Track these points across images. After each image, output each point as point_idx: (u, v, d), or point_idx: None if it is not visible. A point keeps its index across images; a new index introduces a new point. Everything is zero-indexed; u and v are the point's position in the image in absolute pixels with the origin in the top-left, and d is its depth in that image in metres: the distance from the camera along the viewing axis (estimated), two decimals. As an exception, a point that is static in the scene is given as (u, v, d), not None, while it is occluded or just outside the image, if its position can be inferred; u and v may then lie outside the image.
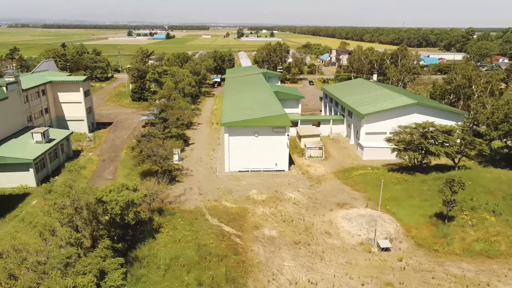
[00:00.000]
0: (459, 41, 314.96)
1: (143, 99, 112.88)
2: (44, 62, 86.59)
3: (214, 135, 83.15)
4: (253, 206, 50.91)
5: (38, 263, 24.24)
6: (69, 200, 33.16)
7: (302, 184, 57.96)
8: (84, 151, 71.68)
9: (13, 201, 51.37)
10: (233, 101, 74.71)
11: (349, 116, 79.56)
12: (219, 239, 42.97)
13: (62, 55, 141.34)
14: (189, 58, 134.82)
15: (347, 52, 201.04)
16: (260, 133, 60.88)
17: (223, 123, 59.97)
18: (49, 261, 24.04)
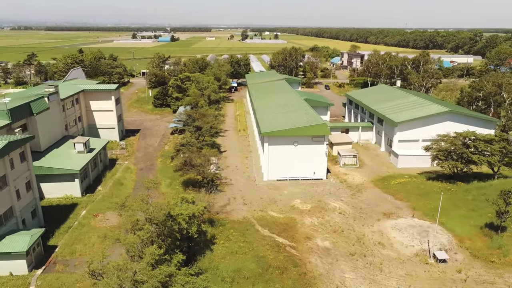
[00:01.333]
0: (466, 43, 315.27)
1: (166, 106, 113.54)
2: (74, 70, 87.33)
3: (244, 142, 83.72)
4: (300, 216, 51.45)
5: (136, 282, 24.75)
6: (143, 216, 33.67)
7: (343, 193, 58.47)
8: (119, 159, 72.29)
9: (62, 211, 52.01)
10: (266, 109, 75.25)
11: (379, 123, 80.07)
12: (275, 250, 43.51)
13: (80, 61, 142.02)
14: (208, 63, 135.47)
15: (359, 56, 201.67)
16: (299, 142, 61.47)
17: (263, 133, 60.55)
18: (151, 281, 24.56)
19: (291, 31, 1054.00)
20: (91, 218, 50.25)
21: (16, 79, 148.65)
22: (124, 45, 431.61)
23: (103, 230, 47.33)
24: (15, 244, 38.63)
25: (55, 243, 44.65)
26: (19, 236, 39.82)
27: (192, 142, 65.67)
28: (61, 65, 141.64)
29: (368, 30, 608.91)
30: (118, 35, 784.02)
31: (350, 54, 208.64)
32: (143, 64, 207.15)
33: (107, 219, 50.28)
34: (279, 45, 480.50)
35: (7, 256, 38.25)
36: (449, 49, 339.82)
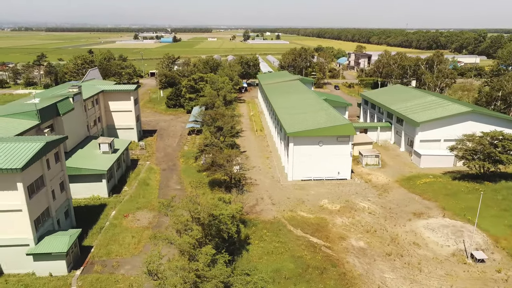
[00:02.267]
0: (470, 43, 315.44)
1: (179, 106, 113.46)
2: (91, 71, 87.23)
3: (263, 143, 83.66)
4: (330, 216, 51.39)
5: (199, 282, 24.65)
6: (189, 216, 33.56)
7: (370, 193, 58.41)
8: (140, 160, 72.19)
9: (91, 212, 51.90)
10: (286, 109, 75.12)
11: (398, 123, 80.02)
12: (311, 250, 43.44)
13: (90, 62, 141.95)
14: (219, 64, 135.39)
15: (367, 56, 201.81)
16: (324, 142, 61.42)
17: (289, 133, 60.47)
18: (214, 281, 24.47)
19: (292, 31, 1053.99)
20: (122, 218, 50.15)
21: (26, 80, 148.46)
22: (126, 46, 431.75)
23: (135, 231, 47.25)
24: (55, 244, 38.53)
25: (90, 243, 44.57)
26: (57, 236, 39.72)
27: (215, 142, 65.57)
28: (72, 65, 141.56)
29: (370, 31, 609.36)
30: (120, 35, 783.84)
31: (357, 55, 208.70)
32: (149, 65, 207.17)
33: (137, 219, 50.19)
34: (282, 46, 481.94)
35: (47, 257, 38.17)
36: (452, 49, 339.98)
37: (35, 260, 38.35)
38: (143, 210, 52.76)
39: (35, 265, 38.56)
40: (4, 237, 37.84)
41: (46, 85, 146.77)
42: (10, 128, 47.71)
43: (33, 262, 38.54)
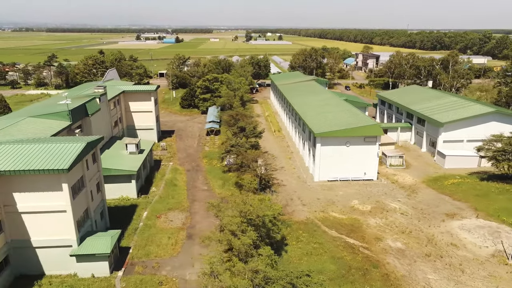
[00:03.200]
0: (476, 43, 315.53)
1: (193, 106, 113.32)
2: (110, 71, 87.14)
3: (282, 143, 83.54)
4: (363, 217, 51.26)
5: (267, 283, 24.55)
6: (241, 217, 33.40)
7: (398, 194, 58.28)
8: (163, 160, 72.03)
9: (122, 212, 51.76)
10: (307, 110, 74.96)
11: (419, 123, 79.93)
12: (350, 251, 43.32)
13: (101, 62, 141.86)
14: (231, 64, 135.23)
15: (375, 57, 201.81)
16: (351, 142, 61.32)
17: (317, 133, 60.34)
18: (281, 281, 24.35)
19: (293, 32, 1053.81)
20: (155, 219, 50.01)
21: (37, 81, 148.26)
22: (130, 47, 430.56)
23: (170, 231, 47.10)
24: (98, 245, 38.38)
25: (127, 244, 44.42)
26: (99, 237, 39.57)
27: (241, 143, 65.47)
28: (82, 66, 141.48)
29: (373, 31, 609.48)
30: (121, 36, 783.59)
31: (365, 55, 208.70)
32: (157, 66, 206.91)
33: (170, 220, 50.04)
34: (285, 46, 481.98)
35: (90, 258, 38.01)
36: (457, 50, 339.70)
37: (78, 261, 38.19)
38: (175, 211, 52.62)
39: (78, 266, 38.40)
40: (47, 238, 37.68)
41: (57, 86, 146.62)
42: (45, 128, 47.57)
43: (76, 263, 38.38)
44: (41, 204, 36.53)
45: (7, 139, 41.11)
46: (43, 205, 36.56)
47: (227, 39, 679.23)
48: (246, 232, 31.52)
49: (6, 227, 36.94)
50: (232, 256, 29.29)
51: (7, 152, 37.03)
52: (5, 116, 54.52)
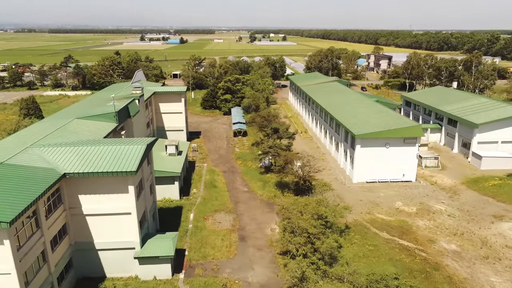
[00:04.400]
0: (483, 44, 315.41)
1: (215, 107, 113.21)
2: (138, 72, 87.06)
3: (311, 144, 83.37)
4: (410, 219, 51.10)
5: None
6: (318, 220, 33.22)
7: (440, 196, 58.10)
8: (196, 161, 71.89)
9: (169, 214, 51.59)
10: (339, 111, 74.77)
11: (449, 124, 79.77)
12: (407, 254, 43.15)
13: (118, 63, 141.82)
14: (249, 65, 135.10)
15: (387, 57, 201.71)
16: (391, 144, 61.17)
17: (357, 135, 60.19)
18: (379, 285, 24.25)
19: (295, 33, 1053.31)
20: (203, 221, 49.86)
21: (54, 82, 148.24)
22: (135, 47, 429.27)
23: (222, 233, 46.97)
24: (160, 248, 38.24)
25: (180, 246, 44.20)
26: (160, 240, 39.43)
27: (278, 144, 65.33)
28: (99, 67, 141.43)
29: (377, 32, 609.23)
30: (125, 37, 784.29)
31: (377, 56, 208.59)
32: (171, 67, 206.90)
33: (219, 222, 49.90)
34: (290, 47, 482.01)
35: (153, 260, 37.86)
36: (464, 50, 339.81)
37: (140, 263, 38.04)
38: (220, 212, 52.47)
39: (140, 268, 38.25)
40: (110, 240, 37.54)
41: (74, 87, 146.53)
42: (95, 130, 47.49)
43: (138, 265, 38.25)
44: (106, 206, 36.40)
45: (64, 141, 41.04)
46: (108, 207, 36.42)
47: (230, 40, 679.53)
48: (325, 235, 31.36)
49: (70, 230, 36.81)
50: (315, 259, 29.03)
51: (73, 154, 36.91)
52: (50, 118, 54.45)
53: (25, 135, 44.54)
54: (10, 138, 44.37)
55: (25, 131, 47.55)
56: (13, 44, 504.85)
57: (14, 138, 44.00)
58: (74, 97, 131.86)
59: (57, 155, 37.06)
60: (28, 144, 39.63)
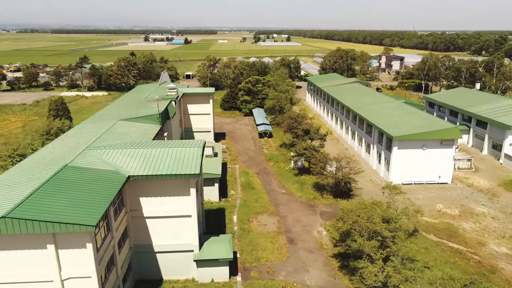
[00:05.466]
0: (491, 45, 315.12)
1: (235, 108, 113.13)
2: (164, 73, 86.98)
3: (338, 146, 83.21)
4: (455, 221, 50.91)
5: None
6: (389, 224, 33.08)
7: (480, 198, 57.89)
8: (228, 163, 71.73)
9: (212, 216, 51.33)
10: (371, 112, 74.61)
11: (478, 126, 79.55)
12: (460, 257, 42.95)
13: (134, 64, 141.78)
14: (266, 66, 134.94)
15: (399, 58, 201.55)
16: (428, 145, 61.00)
17: (396, 137, 60.02)
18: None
19: (298, 33, 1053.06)
20: (249, 223, 49.72)
21: (70, 82, 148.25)
22: (140, 48, 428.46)
23: (270, 236, 46.82)
24: (218, 250, 38.09)
25: (230, 249, 44.03)
26: (216, 242, 39.29)
27: (312, 146, 65.17)
28: (116, 68, 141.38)
29: (382, 33, 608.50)
30: (128, 37, 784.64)
31: (389, 57, 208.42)
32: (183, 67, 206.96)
33: (264, 224, 49.76)
34: (295, 48, 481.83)
35: (212, 263, 37.73)
36: (472, 51, 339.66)
37: (198, 266, 37.92)
38: (263, 214, 52.33)
39: (198, 271, 38.11)
40: (169, 243, 37.38)
41: (90, 88, 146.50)
42: (142, 132, 47.41)
43: (196, 268, 38.13)
44: (166, 208, 36.24)
45: (116, 143, 40.94)
46: (169, 210, 36.27)
47: (234, 40, 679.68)
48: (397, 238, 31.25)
49: (130, 232, 36.68)
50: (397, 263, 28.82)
51: (132, 156, 36.82)
52: (90, 120, 54.30)
53: (74, 137, 44.48)
54: (59, 141, 44.29)
55: (73, 133, 47.45)
56: (20, 45, 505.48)
57: (65, 140, 43.93)
58: (92, 98, 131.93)
59: (116, 157, 36.98)
60: (83, 146, 39.55)
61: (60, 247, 26.73)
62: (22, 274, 26.95)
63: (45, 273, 27.02)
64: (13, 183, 31.19)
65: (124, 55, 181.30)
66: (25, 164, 36.73)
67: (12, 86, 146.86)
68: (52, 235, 26.11)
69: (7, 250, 26.37)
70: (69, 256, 26.99)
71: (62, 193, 28.98)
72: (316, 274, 39.75)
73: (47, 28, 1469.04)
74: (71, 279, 27.48)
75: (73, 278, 27.50)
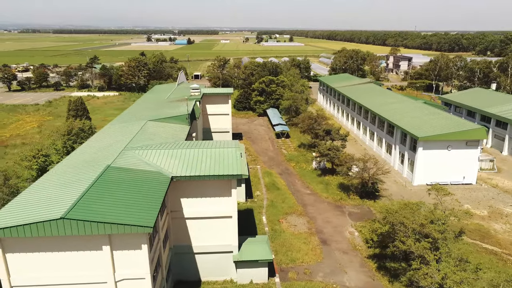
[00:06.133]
0: (496, 45, 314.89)
1: (248, 109, 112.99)
2: (181, 74, 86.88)
3: (357, 146, 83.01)
4: (485, 222, 50.73)
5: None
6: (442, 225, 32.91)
7: (507, 199, 57.69)
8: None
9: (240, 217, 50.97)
10: (392, 113, 74.44)
11: (497, 126, 79.35)
12: (498, 258, 42.80)
13: (144, 64, 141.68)
14: (277, 66, 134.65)
15: (407, 59, 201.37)
16: (453, 146, 60.82)
17: (421, 137, 59.83)
18: None
19: (299, 33, 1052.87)
20: (279, 224, 49.56)
21: (80, 83, 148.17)
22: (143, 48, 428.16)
23: (302, 236, 46.66)
24: (258, 251, 37.91)
25: (264, 250, 43.86)
26: (254, 243, 39.13)
27: (336, 146, 65.02)
28: (126, 68, 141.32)
29: (385, 33, 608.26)
30: (130, 37, 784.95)
31: (396, 57, 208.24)
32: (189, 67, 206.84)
33: (294, 225, 49.59)
34: (298, 48, 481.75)
35: (251, 264, 37.57)
36: (477, 51, 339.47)
37: (238, 267, 37.75)
38: (292, 215, 52.17)
39: (237, 272, 37.95)
40: (208, 244, 37.25)
41: (100, 88, 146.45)
42: (174, 132, 47.27)
43: (234, 269, 37.98)
44: (207, 209, 36.10)
45: (151, 143, 40.80)
46: (209, 211, 36.13)
47: (236, 40, 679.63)
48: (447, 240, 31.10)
49: (170, 234, 36.53)
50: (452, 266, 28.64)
51: (172, 157, 36.69)
52: (117, 120, 54.17)
53: (107, 138, 44.38)
54: (92, 142, 44.17)
55: (104, 133, 47.34)
56: (23, 45, 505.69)
57: (98, 141, 43.83)
58: (103, 98, 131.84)
59: (156, 157, 36.87)
60: (120, 146, 39.40)
61: (115, 248, 26.58)
62: (76, 276, 26.80)
63: (100, 275, 26.87)
64: (60, 183, 31.08)
65: (129, 55, 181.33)
66: (65, 164, 36.61)
67: (22, 86, 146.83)
68: (108, 236, 25.95)
69: (63, 251, 26.21)
70: (123, 258, 26.84)
71: (112, 194, 28.86)
72: (354, 276, 39.58)
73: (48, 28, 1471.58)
74: (124, 280, 27.33)
75: (126, 280, 27.35)
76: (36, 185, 31.59)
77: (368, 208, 54.49)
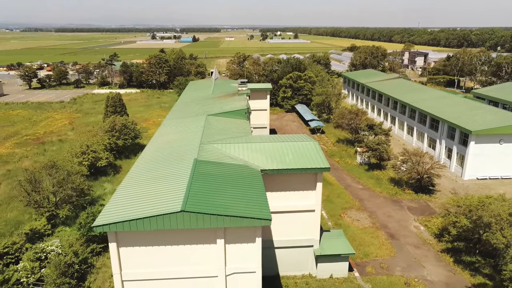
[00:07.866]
0: (507, 41, 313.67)
1: (275, 105, 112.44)
2: (215, 70, 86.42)
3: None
4: (548, 216, 50.16)
5: None
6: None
7: (562, 192, 57.19)
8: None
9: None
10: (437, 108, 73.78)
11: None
12: None
13: (165, 61, 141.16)
14: (300, 62, 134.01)
15: (423, 55, 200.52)
16: (505, 140, 60.28)
17: (474, 131, 59.26)
18: None
19: (302, 31, 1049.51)
20: (341, 218, 49.14)
21: (100, 80, 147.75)
22: (148, 46, 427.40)
23: (368, 231, 46.22)
24: (338, 246, 37.49)
25: (334, 244, 43.45)
26: (333, 238, 38.71)
27: (384, 141, 64.51)
28: (147, 65, 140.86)
29: (391, 29, 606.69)
30: (134, 36, 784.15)
31: (412, 53, 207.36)
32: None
33: (356, 219, 49.14)
34: (304, 45, 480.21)
35: (333, 258, 37.09)
36: (487, 47, 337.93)
37: (318, 261, 37.30)
38: (351, 210, 51.74)
39: (318, 266, 37.51)
40: (289, 238, 36.81)
41: (120, 85, 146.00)
42: (239, 127, 46.80)
43: (314, 263, 37.57)
44: (290, 203, 35.65)
45: (223, 137, 40.35)
46: (293, 205, 35.68)
47: (240, 38, 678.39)
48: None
49: (253, 227, 36.02)
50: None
51: (253, 151, 36.24)
52: (172, 115, 53.70)
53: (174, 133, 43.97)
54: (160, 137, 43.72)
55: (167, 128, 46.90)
56: (28, 43, 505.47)
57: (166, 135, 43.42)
58: (126, 95, 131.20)
59: (237, 151, 36.42)
60: (195, 141, 38.92)
61: (229, 241, 26.14)
62: (187, 270, 26.36)
63: (211, 269, 26.43)
64: (155, 178, 30.68)
65: (138, 52, 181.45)
66: (145, 160, 36.21)
67: (42, 84, 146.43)
68: (223, 229, 25.50)
69: (177, 245, 25.76)
70: (236, 251, 26.41)
71: (216, 187, 28.42)
72: (433, 270, 39.11)
73: (49, 27, 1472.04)
74: (234, 274, 26.91)
75: (236, 274, 26.93)
76: (129, 180, 31.17)
77: (425, 202, 54.00)
